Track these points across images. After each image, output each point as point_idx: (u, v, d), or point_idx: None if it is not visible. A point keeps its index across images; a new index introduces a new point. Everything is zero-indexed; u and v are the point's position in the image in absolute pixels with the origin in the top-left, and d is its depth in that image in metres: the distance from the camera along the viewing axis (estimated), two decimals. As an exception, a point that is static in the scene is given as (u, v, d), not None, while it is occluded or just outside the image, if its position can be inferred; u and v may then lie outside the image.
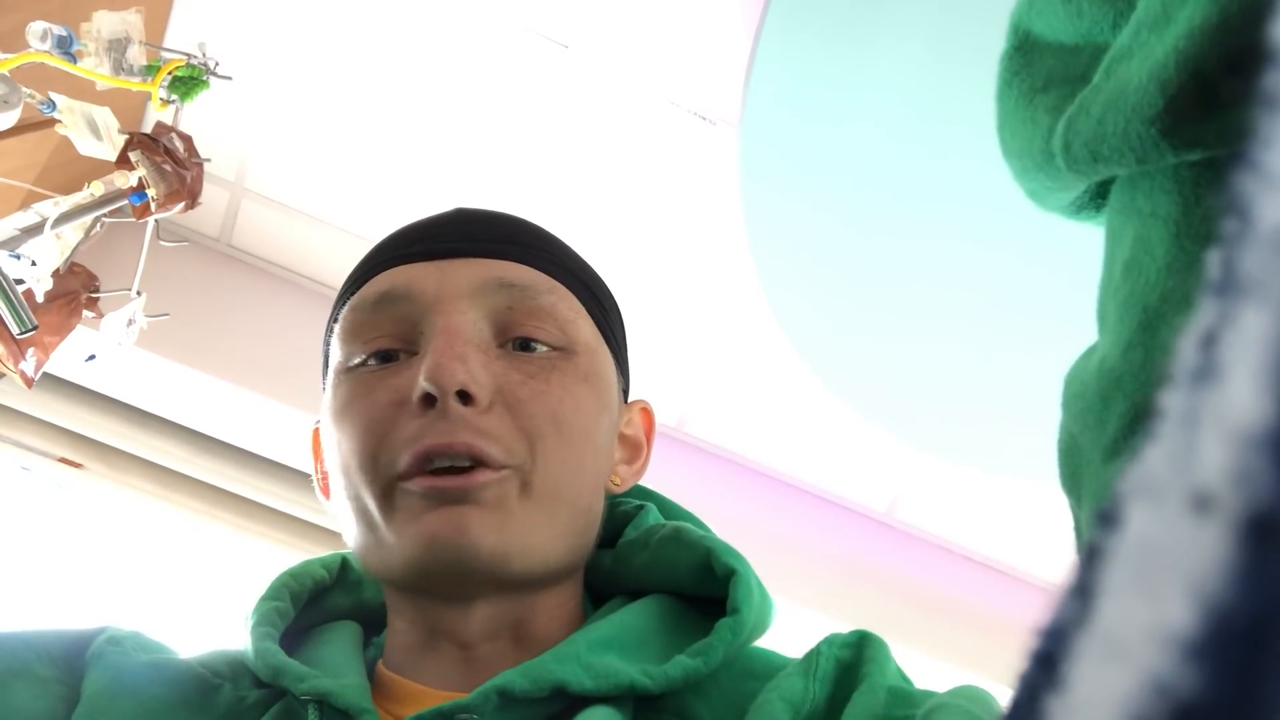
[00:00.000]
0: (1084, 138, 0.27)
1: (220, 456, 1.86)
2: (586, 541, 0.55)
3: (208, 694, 0.52)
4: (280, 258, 1.93)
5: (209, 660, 0.55)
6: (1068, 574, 0.15)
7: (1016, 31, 0.34)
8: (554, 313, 0.54)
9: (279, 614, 0.55)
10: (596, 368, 0.56)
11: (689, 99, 1.67)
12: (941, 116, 1.36)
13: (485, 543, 0.48)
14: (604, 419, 0.55)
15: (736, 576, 0.53)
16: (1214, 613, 0.11)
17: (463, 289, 0.53)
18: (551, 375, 0.53)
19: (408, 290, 0.53)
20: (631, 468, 0.61)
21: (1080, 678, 0.14)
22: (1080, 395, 0.30)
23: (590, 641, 0.50)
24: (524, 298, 0.54)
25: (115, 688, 0.51)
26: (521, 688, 0.46)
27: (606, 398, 0.56)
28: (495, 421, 0.50)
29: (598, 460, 0.55)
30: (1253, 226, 0.11)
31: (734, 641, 0.51)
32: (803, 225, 1.52)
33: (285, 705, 0.51)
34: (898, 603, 2.04)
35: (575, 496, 0.53)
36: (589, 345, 0.56)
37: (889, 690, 0.47)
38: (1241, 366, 0.11)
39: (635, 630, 0.52)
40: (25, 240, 1.00)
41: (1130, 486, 0.13)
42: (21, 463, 1.80)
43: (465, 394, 0.49)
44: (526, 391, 0.51)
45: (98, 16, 1.01)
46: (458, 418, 0.49)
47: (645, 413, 0.64)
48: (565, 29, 1.63)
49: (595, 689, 0.47)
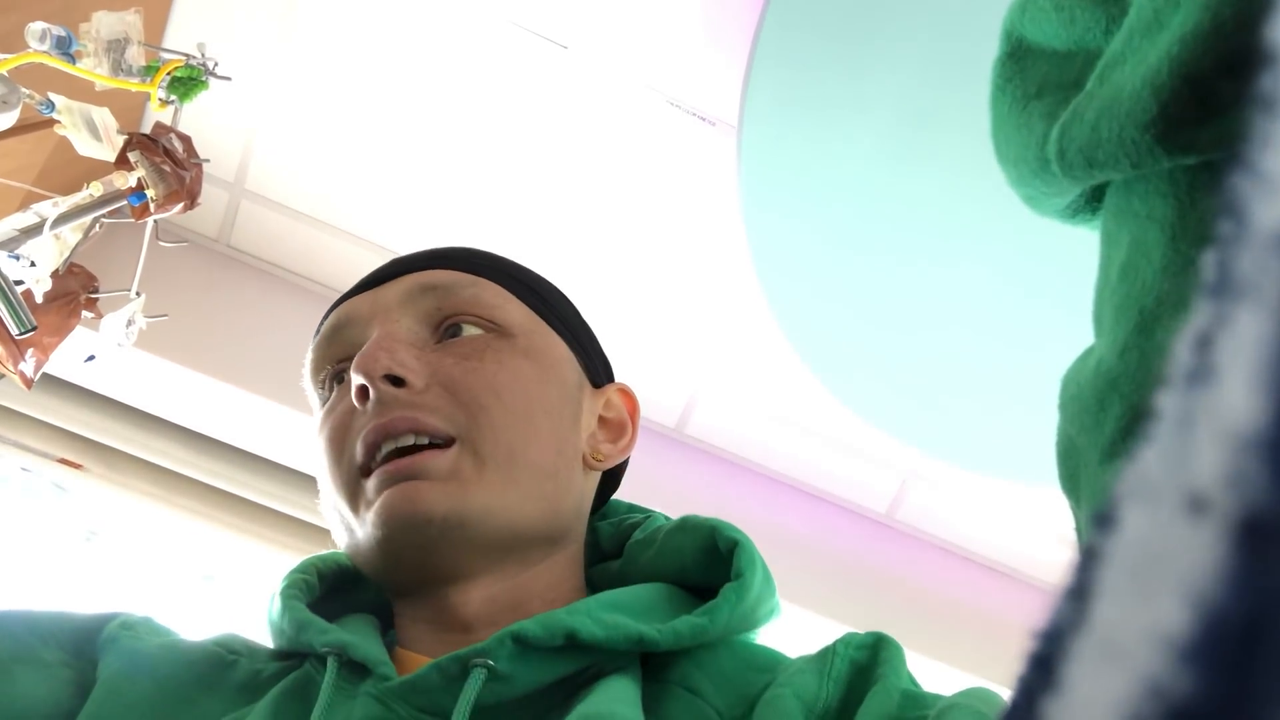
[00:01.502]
0: (1079, 143, 0.27)
1: (220, 457, 1.86)
2: (562, 509, 0.56)
3: (223, 669, 0.53)
4: (279, 258, 1.93)
5: (223, 639, 0.56)
6: (1065, 576, 0.15)
7: (1009, 38, 0.34)
8: (478, 301, 0.58)
9: (306, 586, 0.57)
10: (536, 345, 0.58)
11: (688, 100, 1.68)
12: (940, 117, 1.37)
13: (437, 509, 0.50)
14: (551, 390, 0.57)
15: (739, 546, 0.55)
16: (1208, 615, 0.11)
17: (392, 301, 0.58)
18: (485, 353, 0.55)
19: (348, 318, 0.59)
20: (616, 445, 0.63)
21: (1077, 680, 0.14)
22: (1077, 397, 0.30)
23: (600, 602, 0.51)
24: (447, 294, 0.57)
25: (131, 670, 0.52)
26: (534, 633, 0.47)
27: (553, 372, 0.58)
28: (433, 398, 0.53)
29: (556, 428, 0.57)
30: (1248, 228, 0.11)
31: (739, 605, 0.52)
32: (802, 226, 1.53)
33: (302, 674, 0.52)
34: (898, 604, 2.04)
35: (534, 459, 0.54)
36: (524, 326, 0.58)
37: (903, 693, 0.47)
38: (1236, 368, 0.11)
39: (643, 599, 0.54)
40: (24, 241, 1.00)
41: (1126, 488, 0.13)
42: (21, 463, 1.80)
43: (395, 379, 0.53)
44: (460, 370, 0.54)
45: (97, 17, 1.01)
46: (392, 400, 0.52)
47: (624, 393, 0.66)
48: (564, 29, 1.63)
49: (605, 639, 0.49)
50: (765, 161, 1.46)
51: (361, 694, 0.48)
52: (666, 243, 1.84)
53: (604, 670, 0.50)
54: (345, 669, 0.50)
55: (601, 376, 0.64)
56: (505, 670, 0.47)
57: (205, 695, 0.51)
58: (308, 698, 0.50)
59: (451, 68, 1.68)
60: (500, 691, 0.47)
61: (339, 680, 0.49)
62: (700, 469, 2.06)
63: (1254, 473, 0.10)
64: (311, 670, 0.51)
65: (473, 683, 0.46)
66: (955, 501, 2.10)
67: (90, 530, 1.87)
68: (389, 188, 1.82)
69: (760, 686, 0.49)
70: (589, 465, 0.60)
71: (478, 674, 0.47)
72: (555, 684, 0.50)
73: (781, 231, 1.53)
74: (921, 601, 2.07)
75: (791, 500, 2.10)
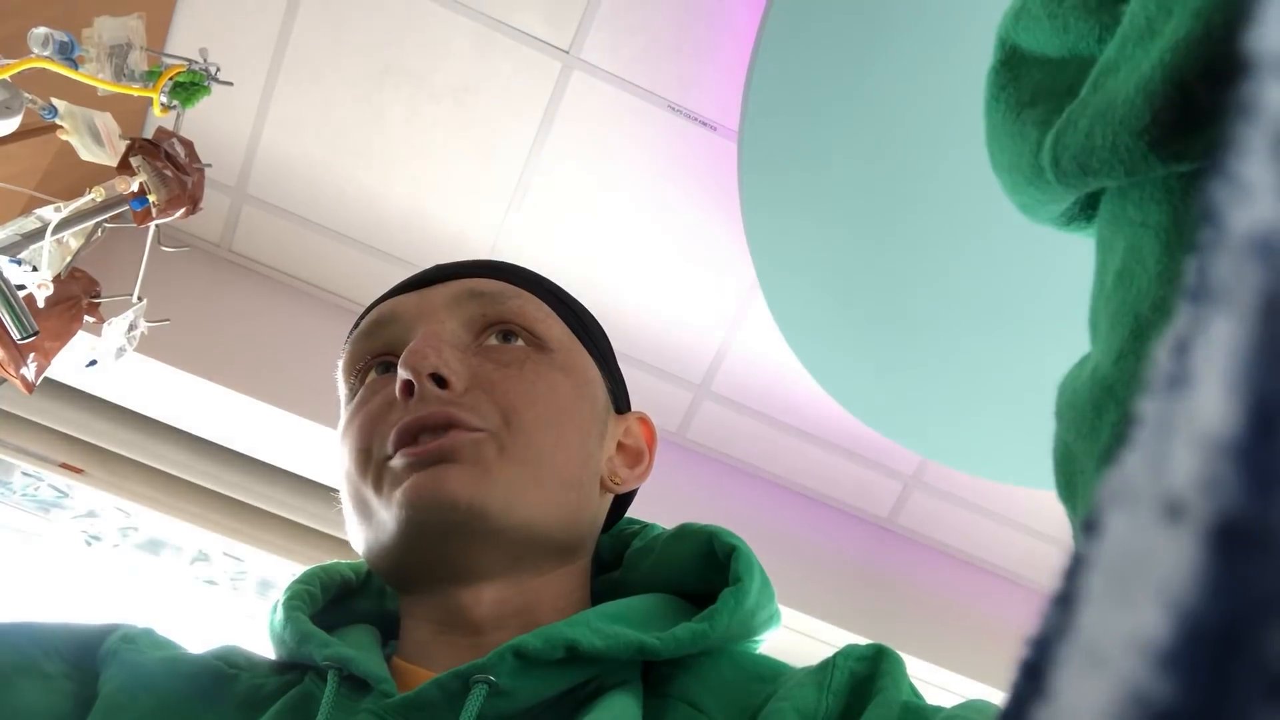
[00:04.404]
0: (1073, 151, 0.27)
1: (221, 462, 1.86)
2: (580, 521, 0.57)
3: (224, 684, 0.53)
4: (282, 263, 1.93)
5: (224, 654, 0.56)
6: (1054, 582, 0.15)
7: (1003, 46, 0.34)
8: (523, 312, 0.59)
9: (309, 596, 0.58)
10: (573, 362, 0.59)
11: (689, 104, 1.68)
12: (938, 122, 1.37)
13: (462, 494, 0.51)
14: (584, 406, 0.58)
15: (737, 552, 0.55)
16: (1186, 621, 0.11)
17: (439, 303, 0.59)
18: (525, 364, 0.57)
19: (393, 314, 0.59)
20: (633, 471, 0.63)
21: (1063, 687, 0.14)
22: (1074, 404, 0.30)
23: (600, 614, 0.52)
24: (493, 302, 0.59)
25: (133, 685, 0.52)
26: (534, 647, 0.48)
27: (586, 390, 0.59)
28: (471, 399, 0.54)
29: (584, 443, 0.57)
30: (1224, 234, 0.11)
31: (738, 610, 0.53)
32: (803, 230, 1.53)
33: (303, 689, 0.51)
34: (900, 608, 2.04)
35: (560, 467, 0.55)
36: (562, 343, 0.60)
37: (903, 706, 0.47)
38: (1211, 374, 0.11)
39: (642, 610, 0.54)
40: (26, 245, 1.00)
41: (1108, 494, 0.13)
42: (22, 468, 1.80)
43: (440, 378, 0.53)
44: (500, 375, 0.55)
45: (99, 22, 1.01)
46: (433, 398, 0.53)
47: (644, 423, 0.66)
48: (565, 34, 1.63)
49: (606, 649, 0.49)
50: (766, 165, 1.46)
51: (362, 711, 0.48)
52: (668, 246, 1.84)
53: (606, 684, 0.50)
54: (346, 684, 0.50)
55: (624, 404, 0.65)
56: (507, 685, 0.47)
57: (206, 710, 0.51)
58: (308, 714, 0.50)
59: (454, 72, 1.68)
60: (502, 707, 0.47)
61: (339, 696, 0.49)
62: (702, 473, 2.06)
63: (1228, 478, 0.10)
64: (312, 685, 0.51)
65: (474, 699, 0.46)
66: (957, 506, 2.10)
67: (91, 535, 1.87)
68: (391, 192, 1.83)
69: (762, 698, 0.49)
70: (605, 487, 0.60)
71: (479, 690, 0.47)
72: (557, 698, 0.50)
73: (782, 234, 1.54)
74: (924, 606, 2.06)
75: (793, 504, 2.10)
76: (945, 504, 2.10)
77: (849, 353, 1.65)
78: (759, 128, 1.43)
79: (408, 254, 1.88)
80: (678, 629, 0.51)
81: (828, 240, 1.52)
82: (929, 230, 1.47)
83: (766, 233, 1.53)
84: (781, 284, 1.59)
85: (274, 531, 1.87)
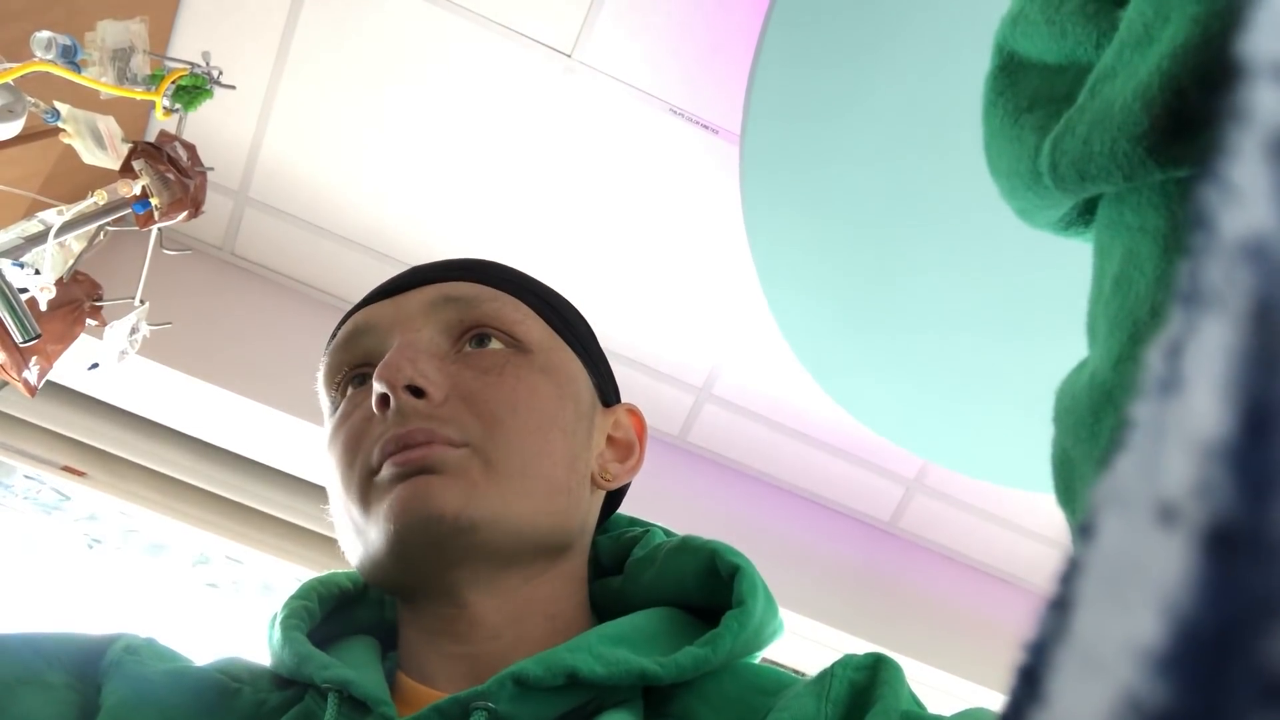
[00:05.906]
0: (1071, 157, 0.27)
1: (223, 465, 1.86)
2: (570, 523, 0.56)
3: (228, 698, 0.53)
4: (283, 266, 1.93)
5: (226, 666, 0.56)
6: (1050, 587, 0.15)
7: (1001, 52, 0.34)
8: (500, 315, 0.58)
9: (307, 613, 0.57)
10: (555, 362, 0.58)
11: (691, 107, 1.68)
12: (940, 124, 1.37)
13: (449, 506, 0.50)
14: (567, 407, 0.58)
15: (740, 572, 0.55)
16: (1180, 626, 0.11)
17: (415, 310, 0.58)
18: (505, 368, 0.56)
19: (368, 324, 0.59)
20: (624, 465, 0.63)
21: (1060, 692, 0.14)
22: (1072, 409, 0.30)
23: (601, 636, 0.51)
24: (469, 306, 0.58)
25: (135, 699, 0.51)
26: (535, 674, 0.47)
27: (569, 389, 0.59)
28: (450, 411, 0.53)
29: (570, 445, 0.57)
30: (1215, 238, 0.11)
31: (741, 633, 0.52)
32: (805, 233, 1.53)
33: (304, 708, 0.51)
34: (902, 612, 2.03)
35: (547, 474, 0.54)
36: (543, 344, 0.59)
37: (902, 714, 0.47)
38: (1203, 377, 0.11)
39: (644, 630, 0.54)
40: (29, 248, 1.00)
41: (1102, 498, 0.13)
42: (24, 471, 1.80)
43: (416, 389, 0.53)
44: (480, 384, 0.55)
45: (102, 26, 1.02)
46: (412, 411, 0.52)
47: (633, 414, 0.66)
48: (567, 38, 1.63)
49: (607, 676, 0.48)
50: (767, 168, 1.46)
51: None
52: (670, 249, 1.84)
53: (605, 704, 0.49)
54: (346, 705, 0.49)
55: (612, 396, 0.65)
56: (506, 711, 0.47)
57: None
58: None
59: (456, 76, 1.69)
60: None
61: (340, 718, 0.49)
62: (703, 476, 2.06)
63: (1221, 482, 0.10)
64: (313, 704, 0.51)
65: None
66: (959, 510, 2.10)
67: (93, 538, 1.87)
68: (393, 195, 1.83)
69: (764, 711, 0.49)
70: (597, 484, 0.60)
71: (478, 716, 0.46)
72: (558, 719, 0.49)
73: (784, 238, 1.54)
74: (925, 609, 2.06)
75: (795, 507, 2.10)
76: (947, 508, 2.10)
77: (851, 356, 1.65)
78: (761, 131, 1.43)
79: (410, 258, 1.88)
80: (680, 655, 0.50)
81: (830, 244, 1.52)
82: (931, 234, 1.47)
83: (768, 236, 1.53)
84: (783, 288, 1.59)
85: (275, 534, 1.87)
